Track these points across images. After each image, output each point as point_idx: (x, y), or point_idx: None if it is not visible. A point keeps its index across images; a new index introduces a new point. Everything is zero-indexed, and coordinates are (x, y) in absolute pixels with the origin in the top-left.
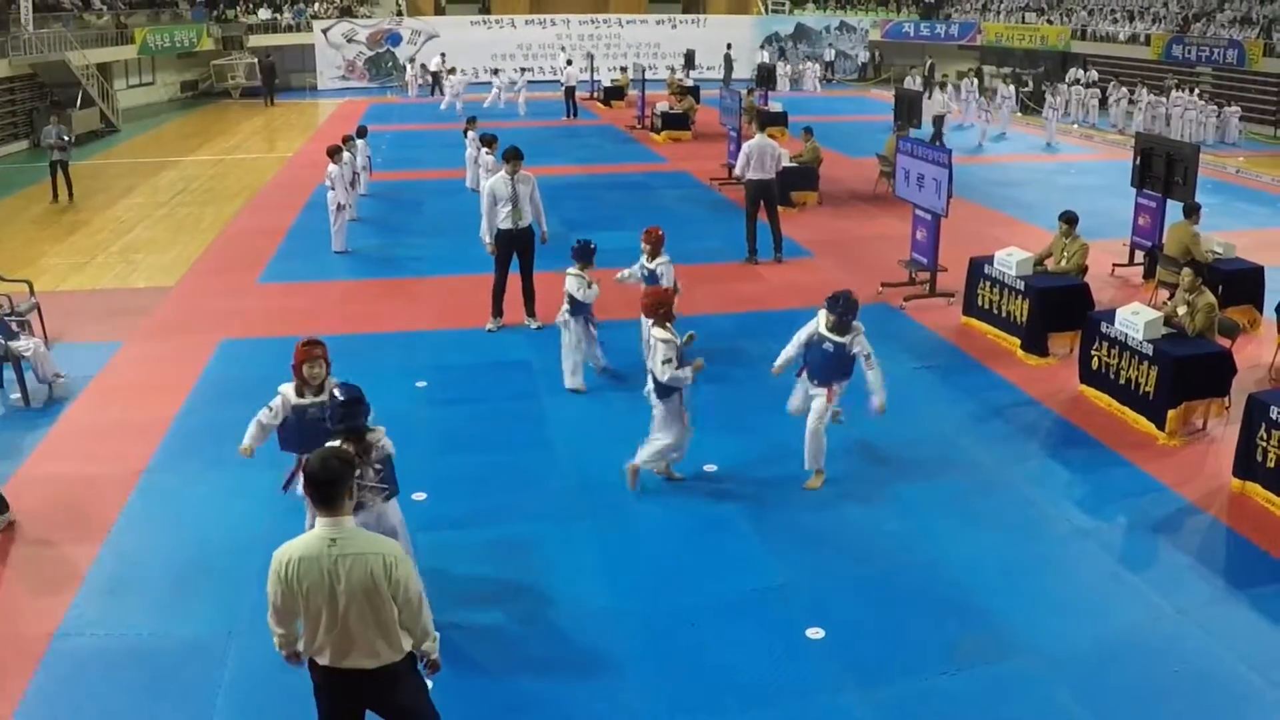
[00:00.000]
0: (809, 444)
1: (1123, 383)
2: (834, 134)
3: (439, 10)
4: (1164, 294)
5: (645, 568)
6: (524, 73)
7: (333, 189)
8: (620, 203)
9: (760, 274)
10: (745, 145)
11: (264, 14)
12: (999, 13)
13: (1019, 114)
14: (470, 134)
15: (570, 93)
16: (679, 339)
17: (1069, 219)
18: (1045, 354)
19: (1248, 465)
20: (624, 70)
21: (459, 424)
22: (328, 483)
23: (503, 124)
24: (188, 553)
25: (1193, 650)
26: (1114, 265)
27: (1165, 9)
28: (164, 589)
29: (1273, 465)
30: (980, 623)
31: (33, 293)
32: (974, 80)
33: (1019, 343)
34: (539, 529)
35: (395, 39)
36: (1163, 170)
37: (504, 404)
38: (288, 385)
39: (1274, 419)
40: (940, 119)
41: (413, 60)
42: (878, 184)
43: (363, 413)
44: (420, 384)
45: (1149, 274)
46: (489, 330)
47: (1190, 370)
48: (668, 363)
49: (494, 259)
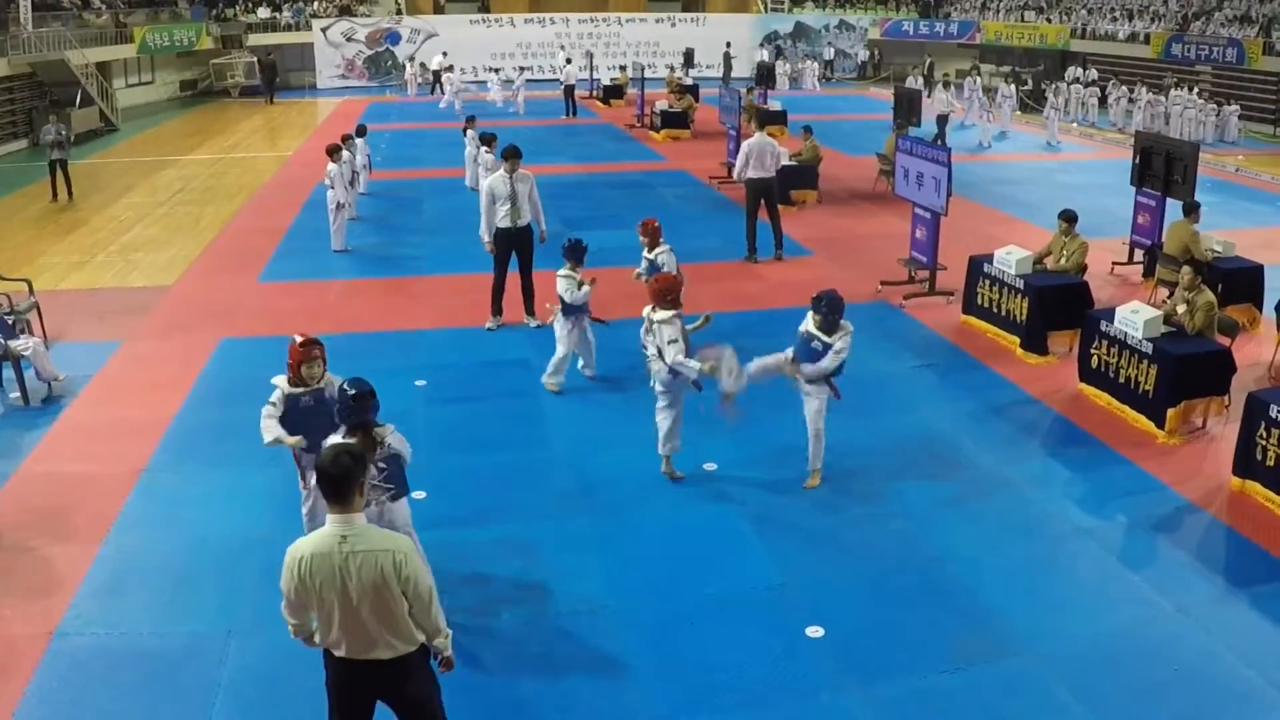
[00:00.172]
0: (811, 445)
1: (1122, 381)
2: (833, 132)
3: (438, 9)
4: (1163, 292)
5: (645, 567)
6: (522, 72)
7: (332, 188)
8: (619, 201)
9: (760, 273)
10: (744, 144)
11: (263, 13)
12: (998, 11)
13: (1018, 113)
14: (470, 132)
15: (570, 91)
16: (685, 324)
17: (1068, 217)
18: (1045, 352)
19: (1247, 464)
20: (623, 69)
21: (458, 423)
22: (339, 478)
23: (502, 122)
24: (187, 552)
25: (1192, 649)
26: (1113, 264)
27: (1165, 7)
28: (163, 589)
29: (1272, 464)
30: (980, 622)
31: (32, 292)
32: (976, 79)
33: (1019, 341)
34: (539, 528)
35: (394, 38)
36: (1162, 169)
37: (503, 403)
38: (280, 378)
39: (1274, 417)
40: (944, 118)
41: (412, 59)
42: (877, 182)
43: (372, 408)
44: (419, 383)
45: (1148, 272)
46: (488, 329)
47: (1190, 369)
48: (673, 343)
49: (493, 258)
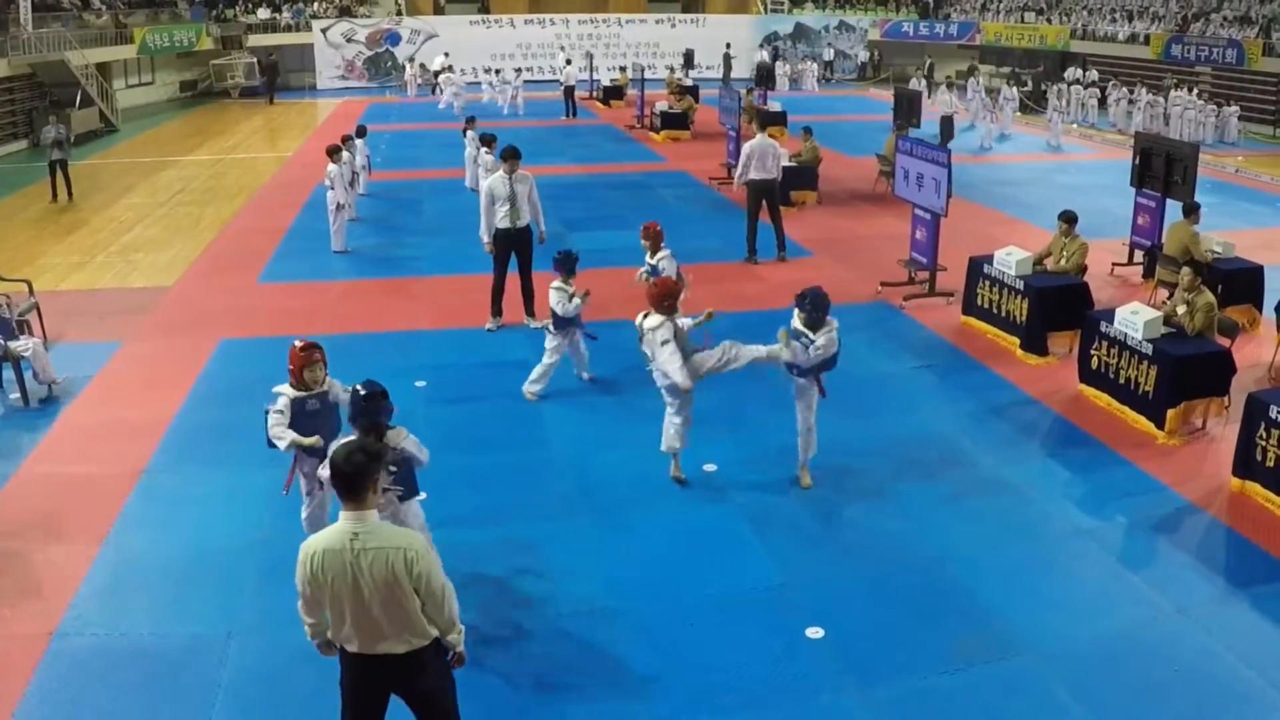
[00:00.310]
0: (801, 439)
1: (1122, 382)
2: (833, 133)
3: (438, 10)
4: (1163, 293)
5: (645, 567)
6: (519, 73)
7: (332, 188)
8: (619, 202)
9: (760, 274)
10: (746, 146)
11: (263, 13)
12: (998, 12)
13: (1019, 114)
14: (469, 133)
15: (569, 92)
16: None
17: (1068, 218)
18: (1045, 353)
19: (1247, 464)
20: (623, 70)
21: (458, 423)
22: (352, 475)
23: (502, 123)
24: (187, 553)
25: (1192, 649)
26: (1113, 264)
27: (1164, 8)
28: (163, 589)
29: (1272, 464)
30: (980, 622)
31: (32, 292)
32: (979, 80)
33: (1018, 342)
34: (539, 529)
35: (394, 39)
36: (1162, 170)
37: (503, 403)
38: (283, 386)
39: (1273, 418)
40: (949, 120)
41: (412, 60)
42: (877, 183)
43: (385, 409)
44: (419, 384)
45: (1148, 273)
46: (488, 330)
47: (1190, 369)
48: (666, 344)
49: (492, 258)
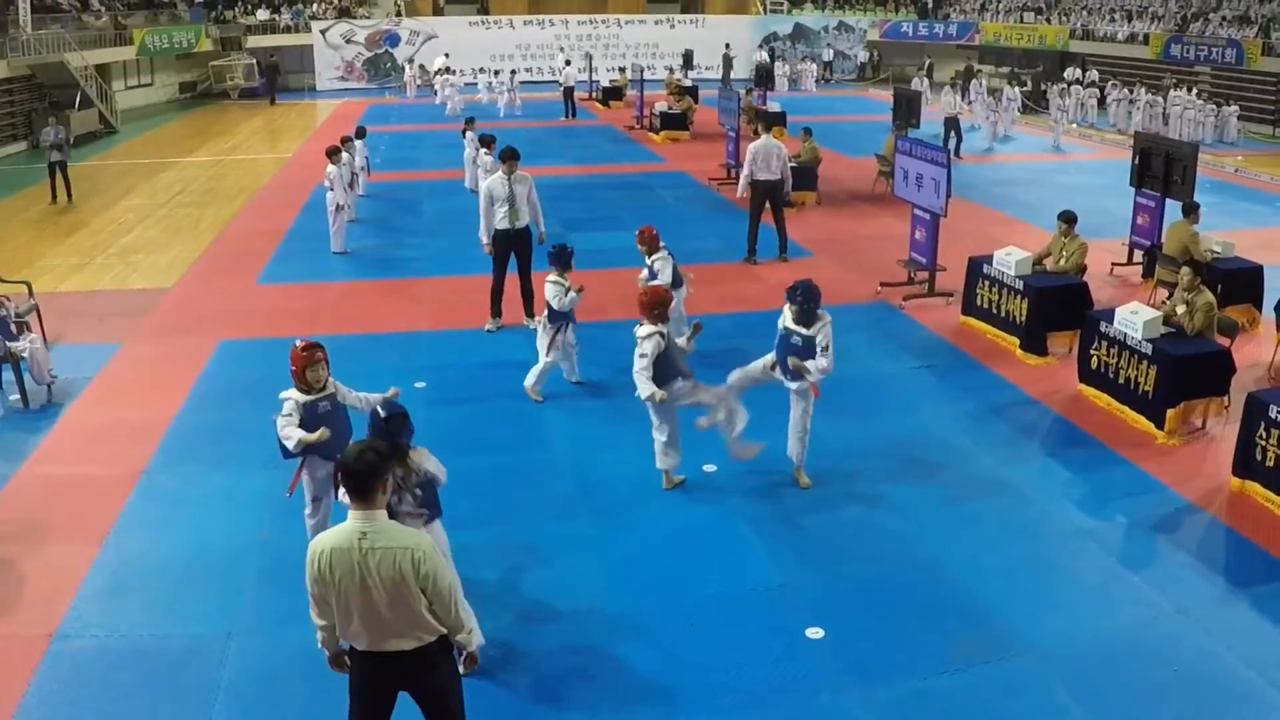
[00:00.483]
0: (796, 445)
1: (1122, 382)
2: (833, 134)
3: (437, 11)
4: (1163, 293)
5: (645, 568)
6: (514, 74)
7: (331, 190)
8: (619, 203)
9: (759, 274)
10: (749, 148)
11: (262, 15)
12: (997, 12)
13: (1019, 114)
14: (469, 134)
15: (569, 93)
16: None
17: (1068, 218)
18: (1044, 353)
19: (1247, 464)
20: (622, 70)
21: (458, 424)
22: (363, 475)
23: (501, 124)
24: (187, 554)
25: (1192, 649)
26: (1113, 264)
27: (1164, 8)
28: (163, 590)
29: (1272, 464)
30: (980, 622)
31: (32, 294)
32: (982, 81)
33: (1018, 342)
34: (539, 529)
35: (393, 40)
36: (1161, 169)
37: (503, 404)
38: (289, 391)
39: (1273, 418)
40: (953, 120)
41: (411, 61)
42: (876, 184)
43: (405, 430)
44: (419, 385)
45: (1148, 273)
46: (488, 331)
47: (1189, 369)
48: (642, 356)
49: (492, 259)
